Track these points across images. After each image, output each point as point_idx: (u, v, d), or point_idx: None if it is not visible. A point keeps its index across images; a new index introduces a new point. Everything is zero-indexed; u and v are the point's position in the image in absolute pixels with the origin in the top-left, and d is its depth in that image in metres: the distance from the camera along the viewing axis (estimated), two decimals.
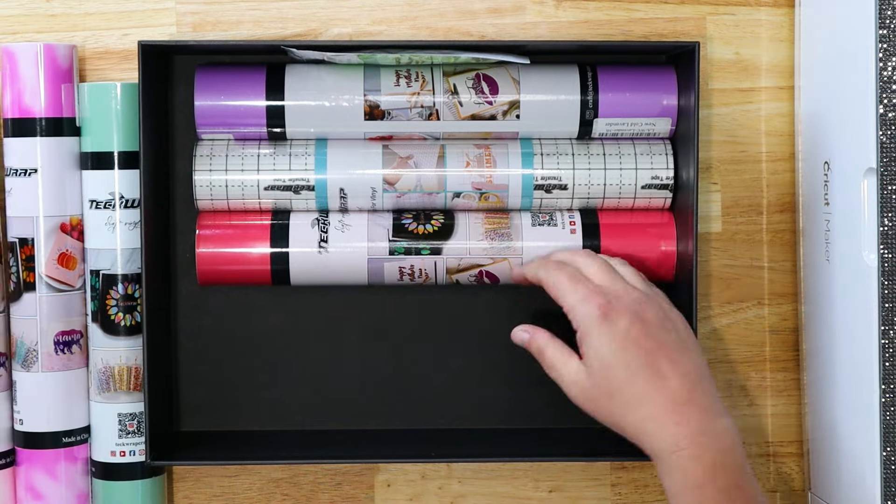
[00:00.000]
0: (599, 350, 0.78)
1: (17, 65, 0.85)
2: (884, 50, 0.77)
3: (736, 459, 0.76)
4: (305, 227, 0.86)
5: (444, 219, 0.86)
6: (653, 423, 0.76)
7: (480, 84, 0.86)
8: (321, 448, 0.89)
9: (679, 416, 0.76)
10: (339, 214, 0.86)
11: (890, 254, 0.78)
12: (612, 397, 0.78)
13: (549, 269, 0.82)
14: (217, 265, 0.86)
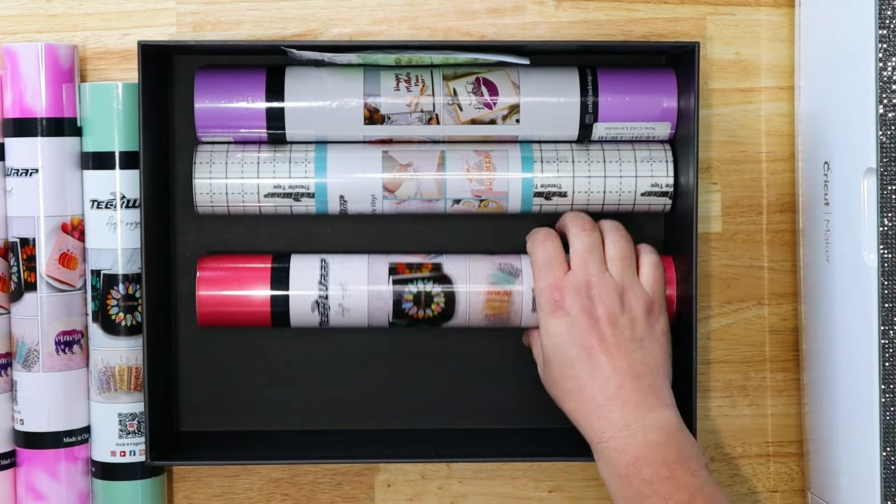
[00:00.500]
0: (545, 342, 0.83)
1: (19, 65, 0.85)
2: (884, 50, 0.77)
3: (667, 453, 0.78)
4: (305, 310, 0.86)
5: (444, 303, 0.86)
6: (580, 416, 0.81)
7: (480, 88, 0.86)
8: (321, 448, 0.89)
9: (603, 410, 0.80)
10: (340, 296, 0.86)
11: (890, 254, 0.78)
12: (553, 386, 0.83)
13: (535, 242, 0.85)
14: (217, 307, 0.87)
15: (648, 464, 0.78)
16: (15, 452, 0.88)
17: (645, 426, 0.79)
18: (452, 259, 0.87)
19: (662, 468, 0.77)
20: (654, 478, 0.77)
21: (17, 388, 0.87)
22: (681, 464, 0.77)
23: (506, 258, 0.87)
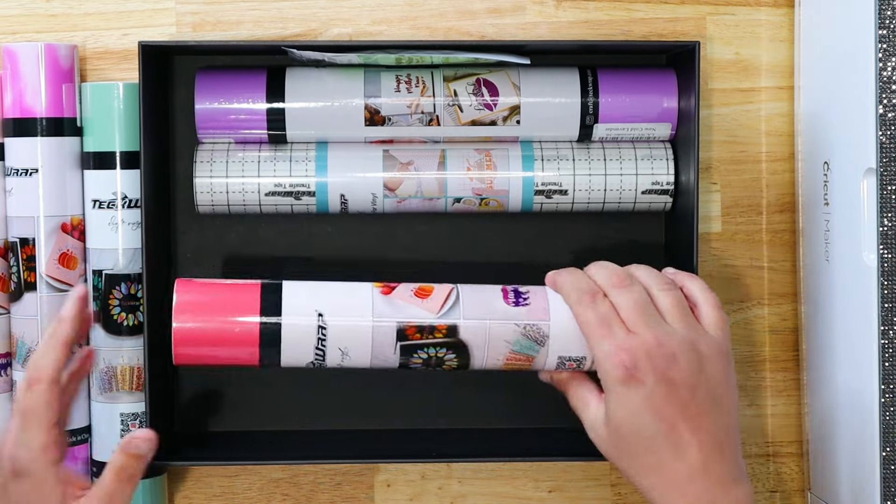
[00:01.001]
0: (618, 413, 0.74)
1: (19, 65, 0.85)
2: (883, 50, 0.77)
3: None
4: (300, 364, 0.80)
5: (457, 366, 0.80)
6: (658, 494, 0.74)
7: (481, 89, 0.86)
8: (321, 448, 0.89)
9: (688, 487, 0.73)
10: (339, 358, 0.79)
11: (890, 254, 0.78)
12: (625, 458, 0.75)
13: (583, 305, 0.76)
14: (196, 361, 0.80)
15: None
16: None
17: (729, 501, 0.73)
18: (470, 320, 0.78)
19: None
20: None
21: (17, 388, 0.87)
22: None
23: (532, 319, 0.78)
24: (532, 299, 0.79)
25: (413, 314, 0.78)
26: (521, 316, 0.79)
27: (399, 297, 0.79)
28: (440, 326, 0.78)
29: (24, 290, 0.86)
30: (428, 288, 0.80)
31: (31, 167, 0.85)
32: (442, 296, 0.79)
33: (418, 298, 0.79)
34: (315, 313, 0.78)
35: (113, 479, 0.71)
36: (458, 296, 0.79)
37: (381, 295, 0.79)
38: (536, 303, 0.79)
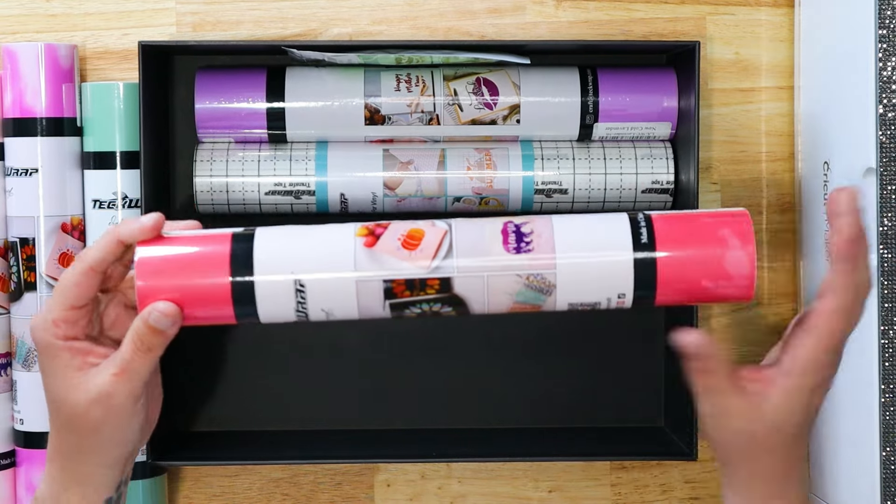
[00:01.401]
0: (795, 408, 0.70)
1: (19, 64, 0.85)
2: (883, 50, 0.77)
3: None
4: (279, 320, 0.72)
5: (455, 314, 0.72)
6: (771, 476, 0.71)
7: (481, 88, 0.86)
8: (321, 448, 0.89)
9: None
10: (323, 317, 0.71)
11: (890, 254, 0.78)
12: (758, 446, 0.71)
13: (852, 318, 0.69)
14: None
15: None
16: (15, 452, 0.88)
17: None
18: (465, 274, 0.70)
19: None
20: None
21: (16, 387, 0.87)
22: None
23: (536, 268, 0.71)
24: (535, 242, 0.71)
25: (401, 269, 0.70)
26: (524, 265, 0.70)
27: (385, 250, 0.70)
28: (431, 281, 0.70)
29: (24, 290, 0.86)
30: (417, 234, 0.71)
31: (31, 167, 0.85)
32: (433, 244, 0.70)
33: (406, 250, 0.70)
34: (290, 272, 0.70)
35: (130, 349, 0.69)
36: (451, 242, 0.70)
37: (364, 248, 0.70)
38: (541, 246, 0.70)
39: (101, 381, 0.69)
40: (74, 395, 0.69)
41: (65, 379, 0.70)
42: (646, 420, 0.92)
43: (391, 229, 0.71)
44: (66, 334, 0.70)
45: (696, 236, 0.70)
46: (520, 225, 0.71)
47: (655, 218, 0.71)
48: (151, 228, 0.70)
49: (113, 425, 0.70)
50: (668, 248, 0.70)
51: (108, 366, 0.69)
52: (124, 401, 0.69)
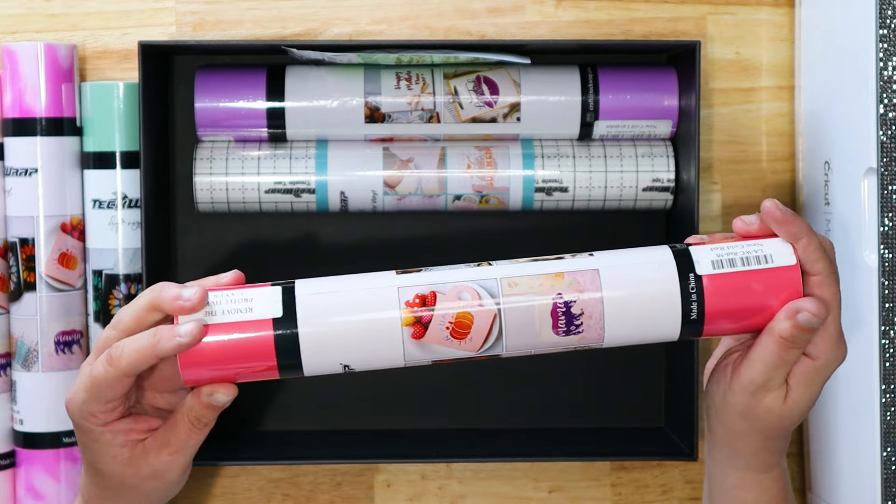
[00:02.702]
0: (814, 390, 0.71)
1: (18, 64, 0.85)
2: (884, 50, 0.77)
3: None
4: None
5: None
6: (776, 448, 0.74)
7: (481, 86, 0.86)
8: (321, 448, 0.89)
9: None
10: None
11: (890, 254, 0.78)
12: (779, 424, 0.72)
13: (835, 274, 0.70)
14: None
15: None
16: (14, 452, 0.88)
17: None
18: (513, 350, 0.70)
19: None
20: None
21: (16, 388, 0.87)
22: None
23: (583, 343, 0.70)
24: (586, 325, 0.69)
25: (450, 354, 0.69)
26: (572, 342, 0.70)
27: (433, 341, 0.68)
28: (478, 358, 0.70)
29: (24, 290, 0.86)
30: (466, 320, 0.69)
31: (30, 167, 0.85)
32: (482, 332, 0.69)
33: (455, 340, 0.68)
34: (340, 365, 0.69)
35: (186, 428, 0.69)
36: (500, 329, 0.69)
37: (412, 339, 0.68)
38: (591, 329, 0.69)
39: (157, 462, 0.70)
40: (121, 469, 0.70)
41: (111, 456, 0.70)
42: (646, 420, 0.92)
43: (438, 315, 0.68)
44: (104, 421, 0.70)
45: (748, 310, 0.69)
46: (570, 304, 0.69)
47: (707, 283, 0.69)
48: (190, 345, 0.67)
49: (162, 490, 0.72)
50: (715, 324, 0.69)
51: (163, 445, 0.70)
52: (179, 474, 0.72)
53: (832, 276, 0.69)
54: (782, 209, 0.69)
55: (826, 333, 0.69)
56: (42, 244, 0.85)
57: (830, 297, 0.69)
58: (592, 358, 0.91)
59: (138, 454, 0.70)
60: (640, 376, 0.92)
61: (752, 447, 0.73)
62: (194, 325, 0.67)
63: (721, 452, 0.74)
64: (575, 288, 0.69)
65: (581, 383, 0.91)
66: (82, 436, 0.71)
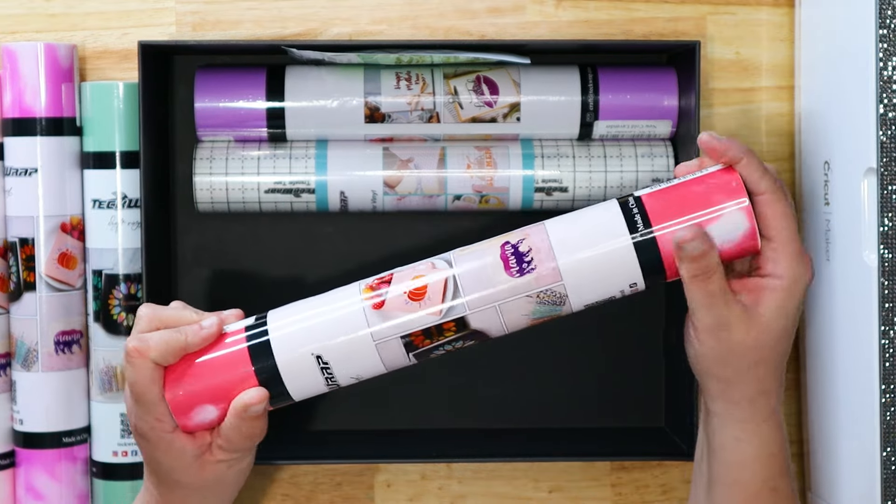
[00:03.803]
0: (790, 311, 0.72)
1: (18, 64, 0.85)
2: (884, 50, 0.77)
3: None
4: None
5: (479, 343, 0.73)
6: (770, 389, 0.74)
7: (481, 86, 0.86)
8: (321, 448, 0.89)
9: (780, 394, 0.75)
10: (355, 381, 0.73)
11: (890, 254, 0.78)
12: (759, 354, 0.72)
13: (782, 194, 0.71)
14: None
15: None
16: (14, 452, 0.88)
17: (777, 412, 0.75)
18: (477, 310, 0.71)
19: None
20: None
21: (16, 388, 0.87)
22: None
23: (543, 284, 0.71)
24: (536, 259, 0.70)
25: (415, 322, 0.71)
26: (531, 285, 0.71)
27: (394, 308, 0.71)
28: (447, 325, 0.71)
29: (24, 290, 0.86)
30: (421, 287, 0.72)
31: (30, 167, 0.85)
32: (439, 290, 0.71)
33: (414, 303, 0.71)
34: (313, 357, 0.72)
35: (244, 440, 0.72)
36: (455, 282, 0.71)
37: (374, 310, 0.71)
38: (542, 262, 0.70)
39: (216, 470, 0.73)
40: (198, 474, 0.73)
41: (185, 464, 0.73)
42: (646, 420, 0.92)
43: (395, 284, 0.72)
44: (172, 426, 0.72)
45: (690, 207, 0.71)
46: (517, 245, 0.71)
47: (645, 198, 0.71)
48: (213, 336, 0.72)
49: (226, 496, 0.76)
50: (665, 227, 0.70)
51: (218, 453, 0.73)
52: (235, 479, 0.75)
53: (778, 192, 0.71)
54: (718, 138, 0.71)
55: (786, 252, 0.71)
56: (42, 244, 0.85)
57: (780, 214, 0.71)
58: (592, 358, 0.92)
59: (201, 465, 0.73)
60: (640, 376, 0.92)
61: (747, 392, 0.73)
62: (216, 318, 0.72)
63: (719, 406, 0.74)
64: (520, 235, 0.72)
65: (581, 383, 0.91)
66: (157, 452, 0.73)
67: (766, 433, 0.74)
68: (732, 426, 0.74)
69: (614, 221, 0.71)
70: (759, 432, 0.74)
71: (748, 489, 0.74)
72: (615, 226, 0.70)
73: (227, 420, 0.71)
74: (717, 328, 0.71)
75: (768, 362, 0.72)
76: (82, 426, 0.87)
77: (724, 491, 0.74)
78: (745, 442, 0.74)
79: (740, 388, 0.73)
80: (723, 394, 0.73)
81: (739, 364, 0.72)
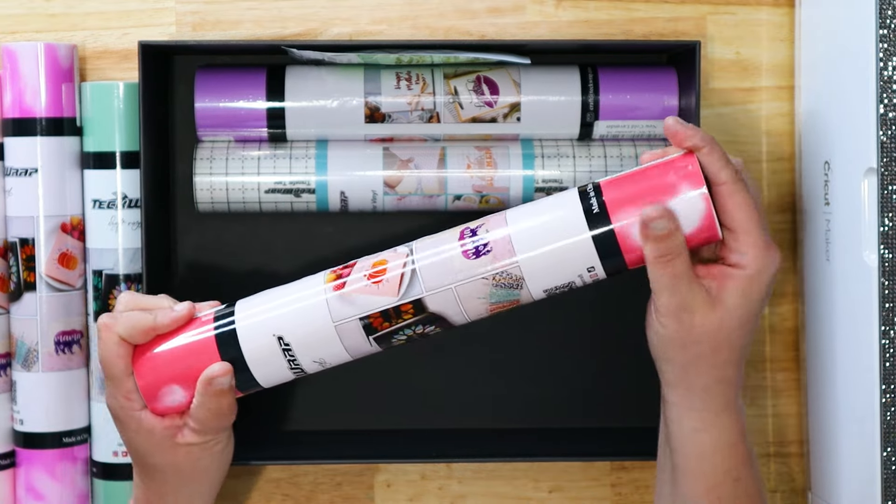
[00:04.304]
0: (754, 300, 0.71)
1: (18, 64, 0.85)
2: (884, 50, 0.77)
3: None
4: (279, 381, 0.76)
5: (441, 330, 0.73)
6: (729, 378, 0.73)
7: (481, 86, 0.86)
8: (321, 448, 0.89)
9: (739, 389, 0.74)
10: (318, 367, 0.74)
11: (890, 254, 0.78)
12: (720, 340, 0.72)
13: (742, 184, 0.71)
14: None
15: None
16: (14, 452, 0.88)
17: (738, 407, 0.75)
18: (434, 292, 0.71)
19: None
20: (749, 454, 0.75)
21: (16, 388, 0.87)
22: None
23: (498, 266, 0.71)
24: (493, 242, 0.71)
25: (373, 303, 0.72)
26: (486, 267, 0.71)
27: (354, 290, 0.72)
28: (405, 307, 0.72)
29: (24, 290, 0.86)
30: (381, 265, 0.73)
31: (30, 167, 0.85)
32: (397, 273, 0.72)
33: (374, 285, 0.72)
34: (275, 338, 0.73)
35: (212, 417, 0.74)
36: (414, 267, 0.72)
37: (334, 292, 0.72)
38: (498, 244, 0.71)
39: (189, 454, 0.75)
40: (172, 457, 0.75)
41: (156, 444, 0.75)
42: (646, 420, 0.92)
43: (357, 268, 0.73)
44: (141, 404, 0.74)
45: (647, 191, 0.70)
46: (475, 228, 0.72)
47: (604, 184, 0.71)
48: (184, 319, 0.74)
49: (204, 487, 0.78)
50: (621, 212, 0.70)
51: (194, 438, 0.75)
52: (213, 466, 0.77)
53: (739, 183, 0.70)
54: (684, 123, 0.71)
55: (749, 242, 0.71)
56: (42, 244, 0.85)
57: (741, 204, 0.70)
58: (592, 358, 0.91)
59: (174, 445, 0.75)
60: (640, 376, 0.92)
61: (705, 379, 0.73)
62: (189, 303, 0.74)
63: (677, 394, 0.74)
64: (481, 221, 0.73)
65: (581, 383, 0.91)
66: (128, 432, 0.75)
67: (725, 423, 0.73)
68: (690, 416, 0.74)
69: (570, 205, 0.71)
70: (717, 422, 0.73)
71: (709, 479, 0.74)
72: (571, 209, 0.71)
73: (195, 398, 0.73)
74: (679, 310, 0.71)
75: (728, 350, 0.72)
76: (82, 426, 0.87)
77: (687, 482, 0.74)
78: (704, 432, 0.73)
79: (698, 374, 0.73)
80: (681, 381, 0.73)
81: (698, 349, 0.72)
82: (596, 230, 0.70)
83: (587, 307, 0.90)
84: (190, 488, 0.77)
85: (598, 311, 0.91)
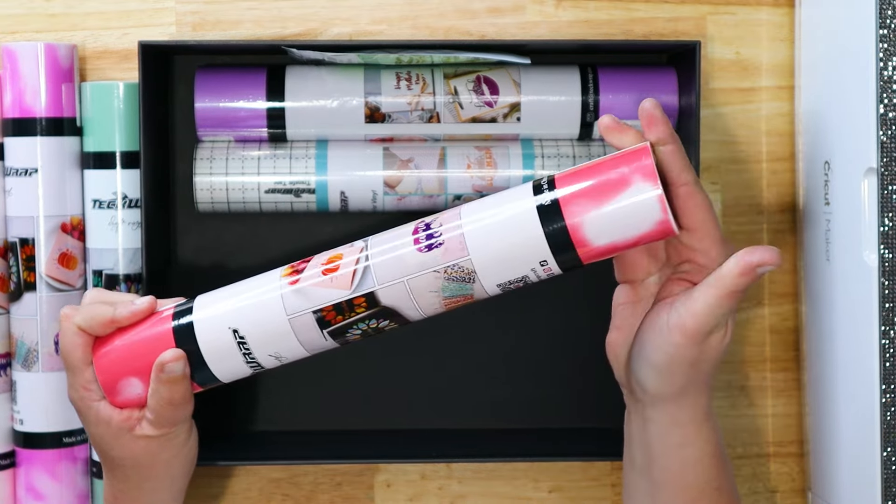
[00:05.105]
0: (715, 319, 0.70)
1: (18, 64, 0.85)
2: (884, 50, 0.77)
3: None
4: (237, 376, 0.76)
5: (396, 325, 0.73)
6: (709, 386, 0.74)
7: (481, 86, 0.86)
8: (321, 448, 0.89)
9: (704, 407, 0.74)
10: (276, 361, 0.74)
11: (890, 254, 0.78)
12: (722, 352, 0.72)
13: (700, 184, 0.72)
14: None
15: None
16: (14, 452, 0.88)
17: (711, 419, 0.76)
18: (386, 285, 0.71)
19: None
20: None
21: (16, 388, 0.87)
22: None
23: (449, 260, 0.70)
24: (445, 235, 0.70)
25: (326, 296, 0.72)
26: (437, 260, 0.70)
27: (309, 283, 0.72)
28: (357, 300, 0.71)
29: (24, 290, 0.86)
30: (335, 258, 0.73)
31: (30, 167, 0.85)
32: (351, 264, 0.72)
33: (326, 278, 0.72)
34: (229, 330, 0.73)
35: (166, 406, 0.74)
36: (367, 257, 0.71)
37: (289, 286, 0.72)
38: (450, 237, 0.70)
39: (147, 446, 0.75)
40: (132, 447, 0.75)
41: (115, 435, 0.75)
42: None
43: (313, 261, 0.73)
44: (99, 396, 0.75)
45: (602, 186, 0.69)
46: (429, 223, 0.72)
47: (559, 178, 0.70)
48: (144, 312, 0.75)
49: (165, 482, 0.78)
50: (573, 205, 0.69)
51: (146, 428, 0.75)
52: (174, 461, 0.77)
53: (698, 185, 0.71)
54: (660, 112, 0.71)
55: (712, 240, 0.71)
56: (42, 244, 0.85)
57: (701, 204, 0.71)
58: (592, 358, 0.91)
59: (133, 438, 0.75)
60: None
61: (697, 392, 0.73)
62: (151, 298, 0.75)
63: (662, 411, 0.73)
64: (436, 216, 0.72)
65: (581, 383, 0.91)
66: (88, 424, 0.75)
67: (707, 434, 0.74)
68: (673, 432, 0.73)
69: (523, 198, 0.70)
70: (700, 434, 0.74)
71: (692, 491, 0.74)
72: (524, 203, 0.70)
73: (150, 388, 0.74)
74: (707, 334, 0.70)
75: (706, 360, 0.72)
76: (82, 426, 0.87)
77: (667, 495, 0.74)
78: (689, 445, 0.73)
79: (697, 391, 0.73)
80: (673, 398, 0.72)
81: (704, 367, 0.72)
82: (547, 224, 0.69)
83: (587, 307, 0.90)
84: (152, 483, 0.77)
85: (598, 312, 0.91)
